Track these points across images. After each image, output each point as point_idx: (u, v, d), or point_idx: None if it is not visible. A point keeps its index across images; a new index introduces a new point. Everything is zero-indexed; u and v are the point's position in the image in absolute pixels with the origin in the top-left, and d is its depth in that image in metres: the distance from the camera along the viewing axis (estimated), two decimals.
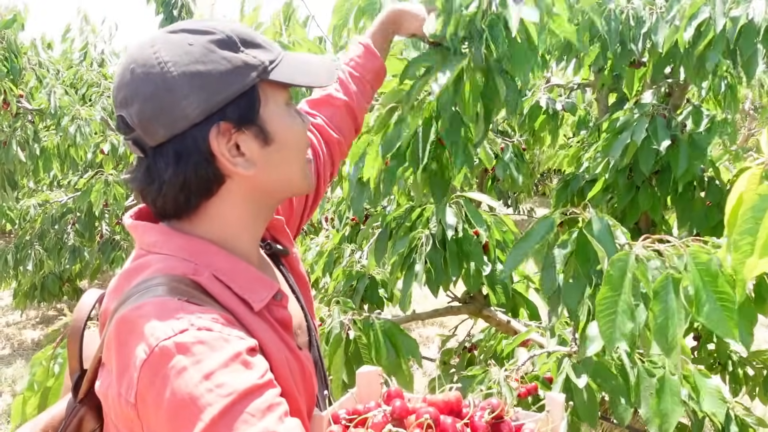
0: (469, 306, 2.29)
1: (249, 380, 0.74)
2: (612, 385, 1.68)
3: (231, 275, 0.86)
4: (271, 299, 0.89)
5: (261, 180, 0.89)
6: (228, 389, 0.72)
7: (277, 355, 0.85)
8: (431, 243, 1.89)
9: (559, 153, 4.01)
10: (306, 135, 0.95)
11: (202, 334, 0.74)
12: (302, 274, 1.09)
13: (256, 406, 0.73)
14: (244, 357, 0.75)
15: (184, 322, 0.75)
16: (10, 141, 3.92)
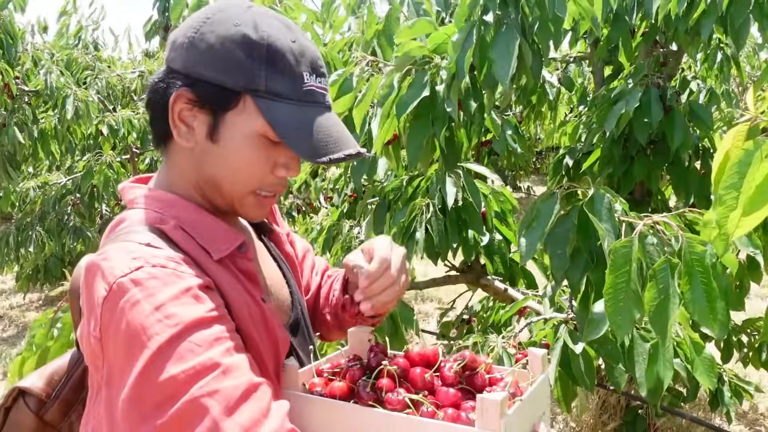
0: (467, 275, 2.32)
1: (197, 313, 0.79)
2: (608, 350, 1.72)
3: (194, 226, 0.92)
4: (236, 251, 0.93)
5: (201, 163, 0.93)
6: (176, 320, 0.77)
7: (236, 298, 0.89)
8: (432, 211, 1.92)
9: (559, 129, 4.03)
10: (259, 176, 0.93)
11: (156, 270, 0.80)
12: (289, 254, 1.13)
13: (202, 336, 0.78)
14: (195, 291, 0.81)
15: (140, 261, 0.80)
16: (9, 123, 3.93)
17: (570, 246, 1.43)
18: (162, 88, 0.92)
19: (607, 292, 1.22)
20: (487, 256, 2.22)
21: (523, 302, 1.90)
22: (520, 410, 0.86)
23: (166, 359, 0.75)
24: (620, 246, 1.22)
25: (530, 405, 0.91)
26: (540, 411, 0.94)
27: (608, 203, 1.40)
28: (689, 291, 1.17)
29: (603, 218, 1.37)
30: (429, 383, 0.89)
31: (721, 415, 3.35)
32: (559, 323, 1.77)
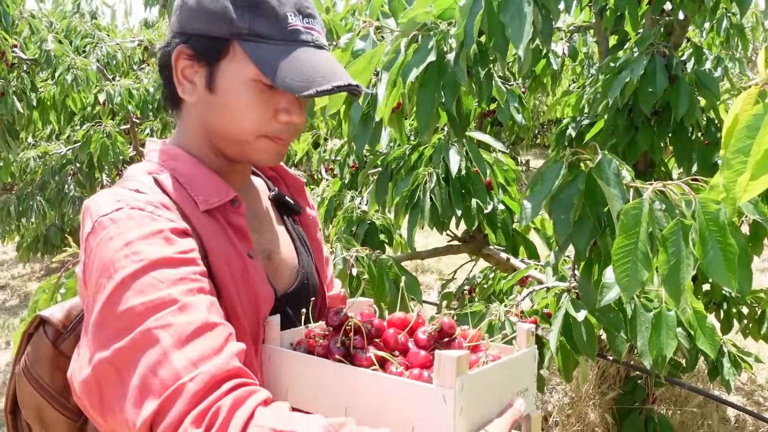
0: (469, 245, 2.32)
1: (164, 252, 0.84)
2: (610, 318, 1.73)
3: (188, 177, 0.97)
4: (228, 205, 0.97)
5: (206, 116, 0.98)
6: (141, 256, 0.82)
7: (217, 248, 0.92)
8: (435, 180, 1.91)
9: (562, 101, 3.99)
10: (261, 121, 0.95)
11: (133, 212, 0.86)
12: (316, 238, 1.17)
13: (166, 274, 0.82)
14: (166, 234, 0.86)
15: (121, 203, 0.87)
16: (7, 91, 3.90)
17: (575, 211, 1.42)
18: (168, 51, 0.97)
19: (615, 253, 1.22)
20: (490, 226, 2.21)
21: (525, 271, 1.90)
22: (487, 375, 0.84)
23: (127, 291, 0.80)
24: (630, 208, 1.22)
25: (504, 375, 0.88)
26: (520, 386, 0.92)
27: (616, 169, 1.39)
28: (705, 252, 1.17)
29: (611, 183, 1.36)
30: (403, 345, 0.91)
31: (720, 386, 3.38)
32: (561, 292, 1.78)
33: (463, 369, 0.80)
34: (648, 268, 1.24)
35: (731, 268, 1.19)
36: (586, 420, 2.97)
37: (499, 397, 0.88)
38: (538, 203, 1.38)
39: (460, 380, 0.79)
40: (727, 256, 1.19)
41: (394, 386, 0.84)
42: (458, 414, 0.80)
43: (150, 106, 4.35)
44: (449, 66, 1.54)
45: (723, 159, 0.99)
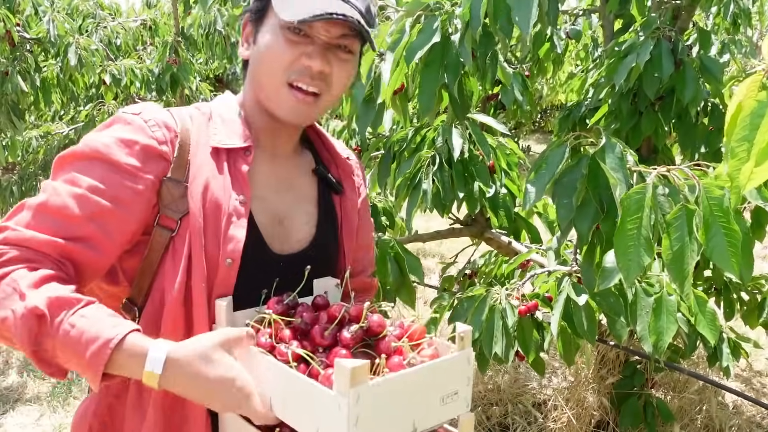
0: (471, 228, 2.32)
1: (118, 157, 0.99)
2: (611, 303, 1.73)
3: (221, 119, 1.09)
4: (240, 151, 1.06)
5: (252, 70, 1.10)
6: (96, 146, 0.99)
7: (202, 180, 1.02)
8: (438, 162, 1.90)
9: (565, 84, 3.97)
10: (283, 64, 1.04)
11: (138, 119, 1.02)
12: (352, 220, 1.22)
13: (94, 173, 0.98)
14: (139, 146, 1.00)
15: (143, 112, 1.04)
16: (12, 71, 3.89)
17: (578, 196, 1.42)
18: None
19: (617, 238, 1.22)
20: (492, 210, 2.21)
21: (527, 255, 1.90)
22: (395, 383, 0.84)
23: (71, 163, 1.00)
24: (633, 192, 1.22)
25: (425, 379, 0.88)
26: (448, 389, 0.91)
27: (620, 153, 1.39)
28: (709, 237, 1.17)
29: (614, 168, 1.36)
30: (330, 341, 0.92)
31: (719, 372, 3.40)
32: (562, 276, 1.78)
33: (359, 380, 0.80)
34: (649, 253, 1.24)
35: (735, 253, 1.19)
36: (584, 404, 2.99)
37: (422, 400, 0.88)
38: (542, 187, 1.39)
39: (355, 391, 0.80)
40: (731, 241, 1.19)
41: (301, 385, 0.86)
42: (353, 424, 0.80)
43: (153, 86, 4.34)
44: (453, 47, 1.53)
45: (727, 147, 0.98)
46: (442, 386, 0.90)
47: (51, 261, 0.95)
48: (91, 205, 0.97)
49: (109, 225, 0.98)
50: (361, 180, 1.29)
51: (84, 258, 0.98)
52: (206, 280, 1.00)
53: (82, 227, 0.97)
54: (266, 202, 1.10)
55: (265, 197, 1.10)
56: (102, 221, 0.97)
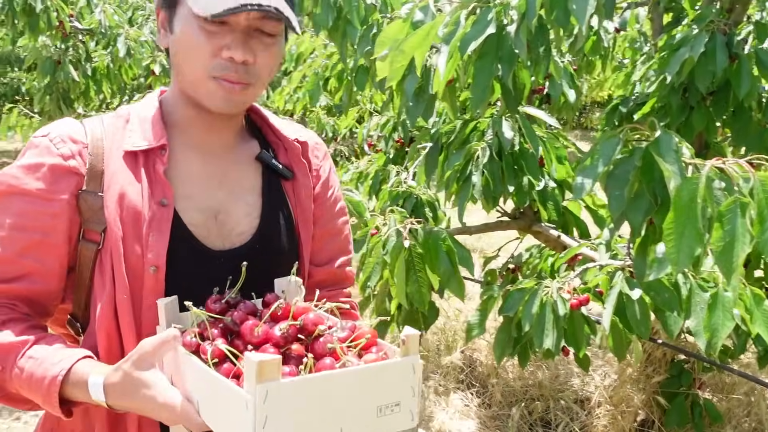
0: (519, 221, 2.31)
1: (26, 185, 0.96)
2: (665, 298, 1.70)
3: (138, 120, 1.04)
4: (157, 150, 1.02)
5: (173, 61, 1.04)
6: (5, 180, 0.98)
7: (117, 189, 0.99)
8: (488, 155, 1.90)
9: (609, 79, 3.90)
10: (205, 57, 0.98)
11: (42, 140, 1.00)
12: (307, 207, 1.15)
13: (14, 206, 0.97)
14: (45, 168, 0.97)
15: (47, 128, 1.02)
16: (64, 60, 3.99)
17: (630, 188, 1.40)
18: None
19: (667, 227, 1.20)
20: (541, 203, 2.20)
21: (579, 248, 1.88)
22: (314, 385, 0.77)
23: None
24: (687, 183, 1.19)
25: (356, 385, 0.80)
26: (388, 399, 0.83)
27: (675, 145, 1.37)
28: (763, 230, 1.14)
29: (669, 160, 1.34)
30: (259, 339, 0.86)
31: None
32: (614, 270, 1.76)
33: (267, 376, 0.73)
34: (701, 244, 1.22)
35: None
36: (629, 402, 2.95)
37: (351, 408, 0.80)
38: (593, 178, 1.37)
39: (263, 387, 0.73)
40: None
41: (217, 385, 0.81)
42: (260, 426, 0.74)
43: None
44: (508, 38, 1.52)
45: None
46: (379, 395, 0.81)
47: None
48: (18, 242, 0.97)
49: (42, 255, 0.98)
50: (321, 161, 1.20)
51: (30, 293, 0.99)
52: (129, 290, 0.98)
53: (17, 266, 0.97)
54: (195, 200, 1.05)
55: (193, 195, 1.05)
56: (34, 254, 0.97)
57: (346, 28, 2.10)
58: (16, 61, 9.56)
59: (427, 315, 1.95)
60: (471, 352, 3.75)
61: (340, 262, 1.23)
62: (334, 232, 1.22)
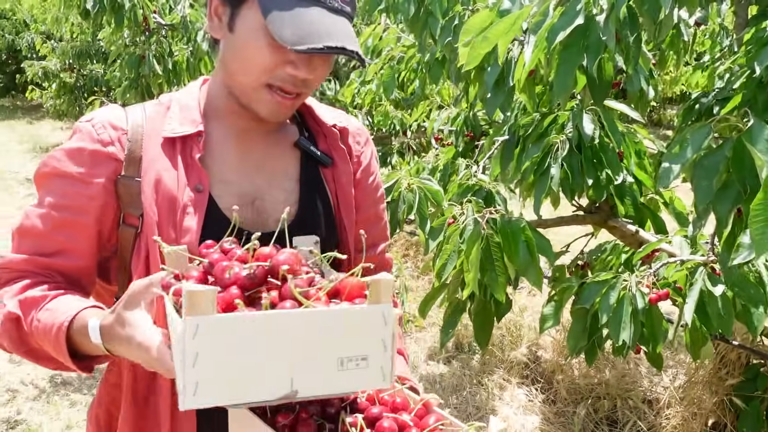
0: (594, 216, 2.29)
1: (67, 168, 1.03)
2: (750, 294, 1.66)
3: (179, 107, 1.07)
4: (194, 137, 1.05)
5: (225, 55, 1.04)
6: (50, 163, 1.05)
7: (154, 174, 1.03)
8: (567, 147, 1.90)
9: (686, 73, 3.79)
10: (266, 69, 0.99)
11: (86, 125, 1.05)
12: (348, 193, 1.15)
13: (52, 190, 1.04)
14: (86, 152, 1.03)
15: (92, 114, 1.07)
16: (148, 55, 4.17)
17: (719, 178, 1.38)
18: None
19: (754, 209, 1.17)
20: (618, 198, 2.18)
21: (658, 243, 1.86)
22: (253, 325, 0.69)
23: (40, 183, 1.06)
24: None
25: (302, 332, 0.71)
26: (352, 351, 0.74)
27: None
28: None
29: (762, 150, 1.31)
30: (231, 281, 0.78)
31: None
32: (696, 266, 1.73)
33: (199, 309, 0.67)
34: None
35: None
36: (700, 404, 2.89)
37: (306, 357, 0.72)
38: (681, 164, 1.35)
39: (193, 321, 0.66)
40: None
41: (171, 322, 0.77)
42: (189, 364, 0.67)
43: None
44: (597, 28, 1.52)
45: None
46: (340, 346, 0.73)
47: (35, 275, 1.04)
48: (55, 220, 1.03)
49: (74, 234, 1.04)
50: (363, 147, 1.20)
51: (64, 267, 1.05)
52: None
53: (53, 241, 1.04)
54: (232, 186, 1.07)
55: (230, 181, 1.07)
56: (68, 232, 1.03)
57: (427, 20, 2.13)
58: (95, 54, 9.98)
59: (501, 306, 1.96)
60: (536, 349, 3.73)
61: (381, 248, 1.24)
62: (376, 218, 1.23)
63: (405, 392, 0.89)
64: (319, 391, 0.73)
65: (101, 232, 1.06)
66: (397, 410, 0.85)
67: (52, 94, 10.86)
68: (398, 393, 0.89)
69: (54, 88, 10.63)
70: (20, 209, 7.06)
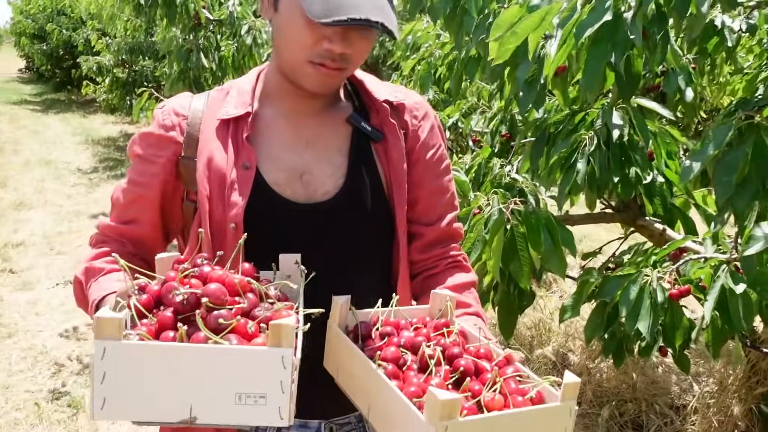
0: (623, 214, 2.31)
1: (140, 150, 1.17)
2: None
3: (236, 92, 1.17)
4: (245, 117, 1.13)
5: (274, 35, 1.11)
6: (131, 145, 1.20)
7: (208, 153, 1.12)
8: (595, 144, 1.92)
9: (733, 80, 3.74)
10: (305, 45, 1.04)
11: (158, 112, 1.20)
12: (399, 169, 1.17)
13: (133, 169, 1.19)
14: (155, 135, 1.16)
15: (165, 101, 1.22)
16: (195, 49, 4.33)
17: (738, 174, 1.40)
18: None
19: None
20: (647, 197, 2.19)
21: (683, 241, 1.87)
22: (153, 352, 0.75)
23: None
24: None
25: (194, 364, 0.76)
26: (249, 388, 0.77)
27: None
28: None
29: None
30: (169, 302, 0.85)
31: None
32: (719, 264, 1.74)
33: (107, 333, 0.73)
34: None
35: None
36: (728, 412, 2.86)
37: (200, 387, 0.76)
38: (702, 161, 1.38)
39: (101, 344, 0.73)
40: None
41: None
42: (98, 380, 0.74)
43: None
44: (624, 24, 1.55)
45: None
46: (239, 382, 0.77)
47: (113, 241, 1.19)
48: (131, 193, 1.18)
49: (144, 206, 1.17)
50: (421, 121, 1.22)
51: (135, 235, 1.19)
52: (211, 245, 1.10)
53: (128, 211, 1.19)
54: (280, 162, 1.13)
55: (278, 157, 1.13)
56: (139, 205, 1.17)
57: (463, 18, 2.18)
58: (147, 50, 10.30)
59: (524, 296, 2.00)
60: (564, 351, 3.73)
61: (448, 219, 1.25)
62: (441, 191, 1.24)
63: (491, 346, 0.97)
64: (217, 420, 0.77)
65: (164, 207, 1.18)
66: (479, 358, 0.94)
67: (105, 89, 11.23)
68: (484, 346, 0.97)
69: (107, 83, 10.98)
70: (70, 197, 7.36)
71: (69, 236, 5.99)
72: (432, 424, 0.74)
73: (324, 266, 1.08)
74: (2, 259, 5.30)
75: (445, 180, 1.26)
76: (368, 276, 1.20)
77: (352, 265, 1.17)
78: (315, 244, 1.12)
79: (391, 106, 1.19)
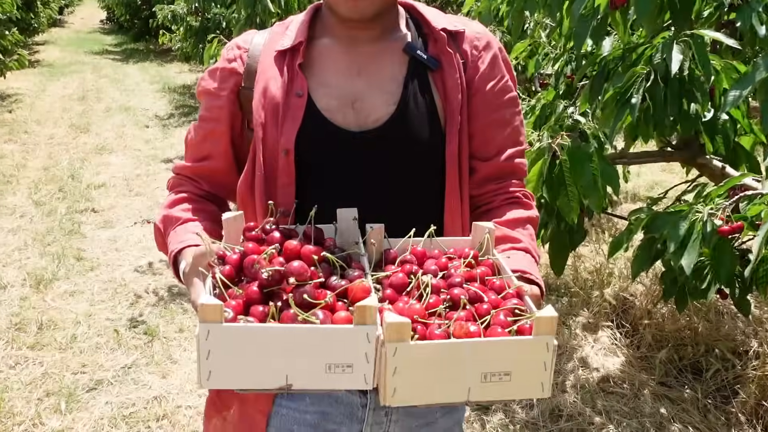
0: (683, 152, 2.25)
1: (209, 85, 1.24)
2: None
3: (294, 26, 1.20)
4: (298, 47, 1.16)
5: None
6: (200, 83, 1.26)
7: (265, 82, 1.16)
8: (652, 78, 1.88)
9: None
10: None
11: (225, 48, 1.25)
12: (453, 98, 1.15)
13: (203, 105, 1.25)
14: (221, 69, 1.22)
15: (230, 40, 1.29)
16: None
17: None
18: None
19: None
20: (708, 135, 2.13)
21: (740, 178, 1.83)
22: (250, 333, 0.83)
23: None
24: None
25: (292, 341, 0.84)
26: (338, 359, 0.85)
27: None
28: None
29: None
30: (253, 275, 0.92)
31: None
32: None
33: (210, 317, 0.80)
34: None
35: None
36: None
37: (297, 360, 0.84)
38: (745, 89, 1.34)
39: (204, 327, 0.81)
40: None
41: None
42: (203, 357, 0.82)
43: None
44: None
45: None
46: (327, 355, 0.84)
47: (188, 181, 1.24)
48: (202, 129, 1.23)
49: (216, 140, 1.22)
50: (481, 51, 1.19)
51: (209, 171, 1.23)
52: (263, 170, 1.13)
53: (201, 148, 1.24)
54: (331, 88, 1.15)
55: (330, 83, 1.16)
56: (212, 139, 1.22)
57: None
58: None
59: (575, 232, 2.01)
60: (626, 295, 3.71)
61: (508, 154, 1.21)
62: (500, 123, 1.20)
63: (510, 280, 0.99)
64: (310, 386, 0.86)
65: (233, 138, 1.23)
66: (493, 290, 0.97)
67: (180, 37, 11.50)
68: (508, 280, 0.99)
69: (181, 32, 11.23)
70: (147, 142, 7.70)
71: (146, 179, 6.30)
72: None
73: (374, 193, 1.12)
74: (85, 199, 5.65)
75: (506, 113, 1.21)
76: (418, 205, 1.19)
77: (403, 194, 1.17)
78: (366, 171, 1.15)
79: (449, 34, 1.18)
